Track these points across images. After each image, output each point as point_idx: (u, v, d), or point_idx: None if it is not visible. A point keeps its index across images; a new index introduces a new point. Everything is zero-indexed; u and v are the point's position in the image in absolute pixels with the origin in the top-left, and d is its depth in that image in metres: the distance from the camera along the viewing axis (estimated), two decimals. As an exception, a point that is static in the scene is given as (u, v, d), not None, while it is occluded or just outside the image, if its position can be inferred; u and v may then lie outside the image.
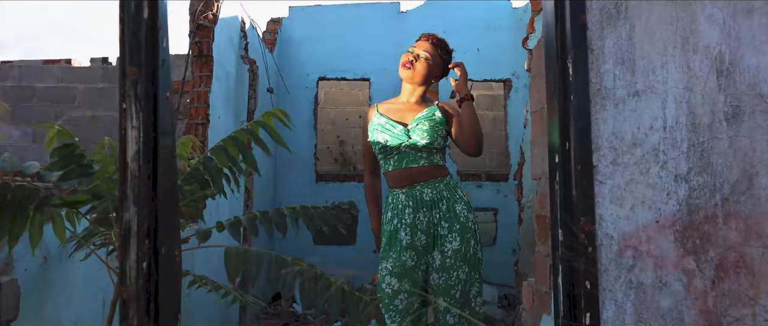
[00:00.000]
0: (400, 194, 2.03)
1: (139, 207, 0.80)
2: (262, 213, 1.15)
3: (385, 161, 2.07)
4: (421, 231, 1.98)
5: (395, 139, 2.03)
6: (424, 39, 2.11)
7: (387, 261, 1.97)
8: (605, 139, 1.08)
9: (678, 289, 1.04)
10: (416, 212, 1.99)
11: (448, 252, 1.97)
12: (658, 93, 1.09)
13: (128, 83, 0.79)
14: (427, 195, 2.00)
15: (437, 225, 1.98)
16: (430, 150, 2.04)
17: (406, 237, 1.96)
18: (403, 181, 2.02)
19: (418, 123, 2.04)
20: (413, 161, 2.02)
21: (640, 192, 1.07)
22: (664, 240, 1.05)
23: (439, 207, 2.00)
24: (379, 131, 2.07)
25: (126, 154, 0.79)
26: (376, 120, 2.10)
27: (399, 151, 2.03)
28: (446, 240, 1.98)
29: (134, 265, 0.79)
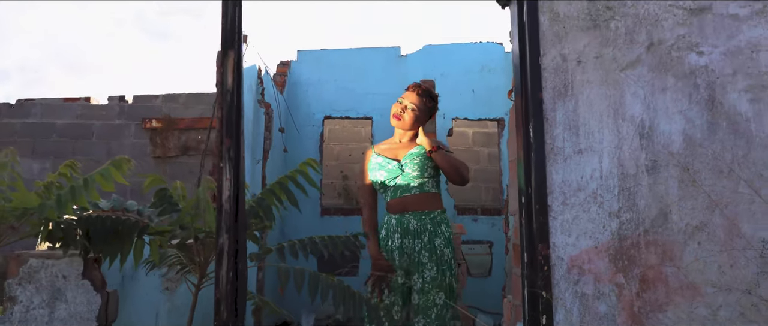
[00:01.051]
0: (393, 219, 2.41)
1: (229, 235, 1.16)
2: (300, 242, 1.51)
3: (385, 193, 2.46)
4: (407, 254, 2.37)
5: (391, 173, 2.42)
6: (412, 90, 2.50)
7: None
8: (557, 185, 1.46)
9: (612, 298, 1.40)
10: (403, 237, 2.37)
11: (427, 278, 2.34)
12: (595, 151, 1.47)
13: (224, 148, 1.17)
14: (412, 225, 2.38)
15: (419, 253, 2.36)
16: (420, 180, 2.43)
17: (396, 259, 2.35)
18: (397, 209, 2.41)
19: (410, 159, 2.44)
20: (406, 191, 2.41)
21: (583, 225, 1.44)
22: (600, 261, 1.42)
23: (421, 237, 2.37)
24: (377, 169, 2.46)
25: (222, 197, 1.16)
26: (374, 160, 2.49)
27: (394, 184, 2.41)
28: (426, 268, 2.34)
29: (225, 275, 1.15)
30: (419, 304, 2.30)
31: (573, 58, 1.52)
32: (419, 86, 2.53)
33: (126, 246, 1.34)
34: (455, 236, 4.25)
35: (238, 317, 1.18)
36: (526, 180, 1.46)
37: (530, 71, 1.49)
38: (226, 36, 1.21)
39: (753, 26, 1.53)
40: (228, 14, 1.16)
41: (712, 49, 1.53)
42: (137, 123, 6.18)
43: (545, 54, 1.52)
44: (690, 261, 1.40)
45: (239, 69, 1.18)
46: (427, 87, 2.53)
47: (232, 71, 1.15)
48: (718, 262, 1.40)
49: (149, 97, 6.37)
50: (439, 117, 6.24)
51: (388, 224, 2.42)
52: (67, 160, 1.42)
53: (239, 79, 1.17)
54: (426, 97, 2.51)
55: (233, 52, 1.18)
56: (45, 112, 6.51)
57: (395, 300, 2.30)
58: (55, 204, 1.22)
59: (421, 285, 2.33)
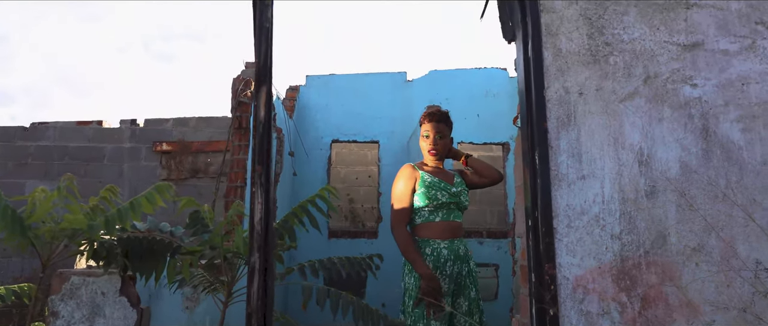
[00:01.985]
0: (442, 248, 2.34)
1: (260, 254, 1.26)
2: (319, 262, 1.61)
3: (433, 214, 2.40)
4: (452, 280, 2.34)
5: (451, 198, 2.42)
6: (429, 121, 2.57)
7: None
8: (562, 209, 1.55)
9: (615, 316, 1.49)
10: (454, 264, 2.35)
11: (473, 300, 2.39)
12: (597, 177, 1.57)
13: (256, 175, 1.27)
14: (461, 251, 2.41)
15: (466, 277, 2.39)
16: (465, 209, 2.52)
17: (445, 287, 2.29)
18: (446, 233, 2.38)
19: (461, 188, 2.50)
20: (456, 217, 2.46)
21: (587, 246, 1.53)
22: (604, 280, 1.51)
23: (467, 262, 2.43)
24: (436, 188, 2.41)
25: (253, 219, 1.27)
26: (427, 177, 2.44)
27: (448, 208, 2.43)
28: (471, 291, 2.39)
29: (256, 291, 1.25)
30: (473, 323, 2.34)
31: (575, 90, 1.63)
32: (432, 114, 2.59)
33: (160, 265, 1.43)
34: None
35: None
36: (532, 204, 1.55)
37: (535, 102, 1.61)
38: (260, 72, 1.33)
39: (743, 61, 1.64)
40: (260, 53, 1.28)
41: (705, 81, 1.64)
42: (148, 146, 6.31)
43: (549, 87, 1.63)
44: (689, 281, 1.49)
45: (269, 102, 1.29)
46: (436, 110, 2.62)
47: (264, 104, 1.27)
48: (716, 282, 1.49)
49: (160, 121, 6.51)
50: (445, 141, 6.36)
51: (437, 251, 2.33)
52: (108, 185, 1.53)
53: (269, 112, 1.28)
54: (443, 121, 2.59)
55: (265, 87, 1.30)
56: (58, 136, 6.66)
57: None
58: (104, 225, 1.32)
59: (467, 307, 2.37)
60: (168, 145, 6.30)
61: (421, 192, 2.42)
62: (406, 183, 2.41)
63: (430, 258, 2.33)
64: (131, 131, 6.52)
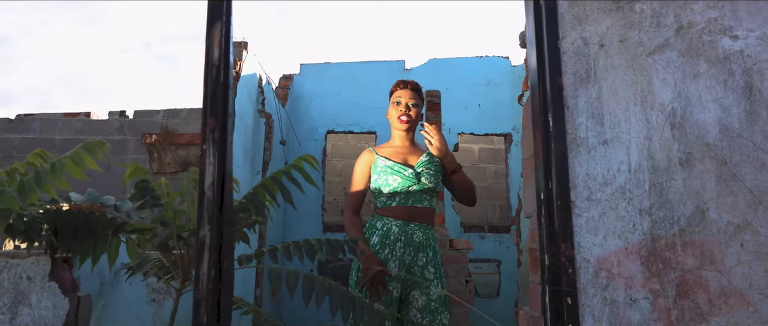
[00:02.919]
0: (393, 225, 2.18)
1: (212, 226, 1.02)
2: (294, 244, 1.36)
3: (390, 199, 2.23)
4: (405, 266, 2.15)
5: (406, 181, 2.22)
6: (403, 87, 2.35)
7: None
8: (581, 180, 1.31)
9: (645, 306, 1.24)
10: (405, 248, 2.15)
11: (433, 295, 2.14)
12: (622, 141, 1.33)
13: (208, 130, 1.03)
14: (417, 237, 2.18)
15: (423, 268, 2.16)
16: (432, 193, 2.26)
17: (394, 269, 2.13)
18: (402, 215, 2.19)
19: (425, 167, 2.26)
20: (418, 201, 2.23)
21: (611, 223, 1.29)
22: (632, 263, 1.26)
23: (426, 251, 2.19)
24: (388, 173, 2.24)
25: (204, 184, 1.02)
26: (381, 162, 2.26)
27: (407, 192, 2.23)
28: (432, 285, 2.16)
29: (206, 272, 1.01)
30: (423, 323, 2.11)
31: (595, 41, 1.39)
32: (405, 81, 2.39)
33: (99, 246, 1.20)
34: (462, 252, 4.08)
35: (221, 321, 1.03)
36: (545, 173, 1.31)
37: (548, 56, 1.36)
38: (213, 8, 1.09)
39: (792, 7, 1.39)
40: (214, -20, 1.05)
41: (747, 33, 1.40)
42: (138, 138, 6.08)
43: (564, 37, 1.39)
44: (733, 265, 1.25)
45: (228, 42, 1.05)
46: (413, 80, 2.42)
47: (219, 43, 1.03)
48: (766, 266, 1.24)
49: (150, 112, 6.29)
50: (445, 131, 6.12)
51: (386, 230, 2.18)
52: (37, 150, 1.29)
53: (227, 53, 1.05)
54: (418, 91, 2.39)
55: (220, 23, 1.06)
56: (44, 128, 6.43)
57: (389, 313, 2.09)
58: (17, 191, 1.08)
59: (425, 303, 2.13)
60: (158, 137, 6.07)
61: (374, 178, 2.26)
62: (360, 168, 2.30)
63: (378, 233, 2.16)
64: (120, 123, 6.29)
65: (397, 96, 2.35)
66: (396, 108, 2.34)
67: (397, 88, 2.37)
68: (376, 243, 2.19)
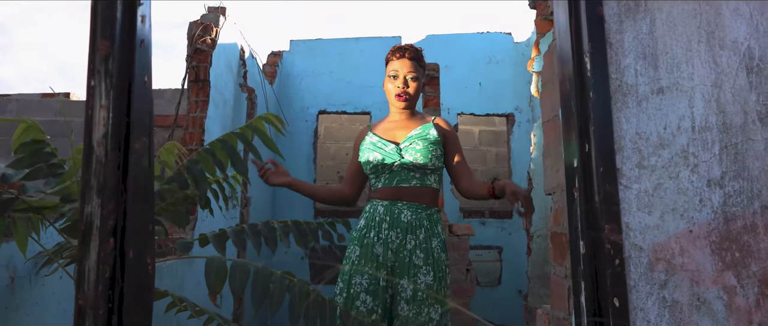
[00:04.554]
0: (380, 206, 1.91)
1: (104, 199, 0.69)
2: (250, 226, 1.04)
3: (376, 179, 1.97)
4: (392, 250, 1.85)
5: (387, 158, 1.92)
6: (400, 56, 1.99)
7: (362, 276, 1.81)
8: (629, 139, 0.98)
9: (718, 308, 0.92)
10: (390, 229, 1.86)
11: (420, 284, 1.82)
12: (684, 90, 1.00)
13: (98, 58, 0.70)
14: (405, 216, 1.88)
15: (411, 252, 1.85)
16: (423, 170, 1.93)
17: (381, 254, 1.84)
18: (387, 196, 1.92)
19: (411, 142, 1.94)
20: (405, 181, 1.91)
21: (670, 198, 0.96)
22: (699, 252, 0.94)
23: (415, 233, 1.87)
24: (370, 150, 1.96)
25: (92, 137, 0.69)
26: (368, 139, 2.00)
27: (390, 170, 1.93)
28: (420, 272, 1.83)
29: (95, 267, 0.68)
30: (409, 317, 1.79)
31: (645, -41, 1.05)
32: (402, 49, 2.01)
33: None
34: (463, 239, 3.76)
35: (124, 338, 0.70)
36: (581, 133, 0.98)
37: (584, -22, 1.03)
38: None
39: None
40: None
41: (841, -49, 1.06)
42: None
43: (605, -46, 1.05)
44: (835, 253, 0.93)
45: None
46: (412, 45, 2.05)
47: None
48: None
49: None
50: (444, 112, 5.78)
51: (372, 212, 1.92)
52: None
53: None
54: (418, 60, 2.02)
55: None
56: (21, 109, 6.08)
57: (373, 307, 1.78)
58: None
59: (411, 293, 1.80)
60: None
61: (360, 156, 2.01)
62: (354, 146, 2.08)
63: (365, 215, 1.92)
64: (103, 104, 5.93)
65: (393, 67, 2.00)
66: (392, 82, 1.99)
67: (393, 57, 2.01)
68: (362, 226, 1.91)
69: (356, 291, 1.80)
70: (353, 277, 1.83)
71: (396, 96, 1.96)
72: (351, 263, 1.86)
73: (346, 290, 1.82)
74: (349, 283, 1.82)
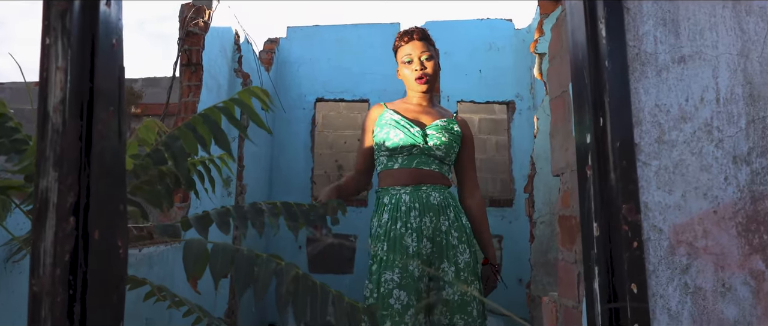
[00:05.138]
0: (403, 194, 1.81)
1: (62, 172, 0.61)
2: (236, 208, 0.96)
3: (391, 159, 1.87)
4: (427, 237, 1.78)
5: (410, 139, 1.84)
6: (410, 39, 1.92)
7: (392, 272, 1.73)
8: (647, 112, 0.90)
9: (745, 295, 0.85)
10: (423, 216, 1.78)
11: (461, 264, 1.78)
12: (707, 59, 0.92)
13: (53, 13, 0.61)
14: (434, 199, 1.81)
15: (446, 233, 1.79)
16: (442, 161, 1.88)
17: (413, 244, 1.75)
18: (407, 180, 1.83)
19: (437, 130, 1.88)
20: (424, 164, 1.85)
21: (693, 175, 0.88)
22: (724, 234, 0.86)
23: (446, 213, 1.81)
24: (392, 127, 1.86)
25: (47, 102, 0.61)
26: (388, 115, 1.90)
27: (410, 153, 1.85)
28: (458, 251, 1.78)
29: (51, 248, 0.60)
30: (455, 300, 1.74)
31: None
32: (409, 32, 1.96)
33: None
34: None
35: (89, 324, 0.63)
36: (595, 103, 0.90)
37: (599, -63, 0.94)
38: None
39: None
40: None
41: None
42: (113, 107, 5.68)
43: None
44: None
45: None
46: (417, 27, 1.97)
47: None
48: None
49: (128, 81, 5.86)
50: (443, 99, 5.69)
51: (395, 201, 1.82)
52: None
53: None
54: (427, 39, 1.96)
55: None
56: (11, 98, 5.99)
57: (409, 302, 1.69)
58: None
59: (454, 274, 1.75)
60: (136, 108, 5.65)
61: (377, 132, 1.90)
62: (366, 124, 1.98)
63: (387, 208, 1.81)
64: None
65: (405, 52, 1.92)
66: (408, 66, 1.91)
67: (402, 43, 1.95)
68: (386, 220, 1.80)
69: (388, 288, 1.71)
70: (383, 275, 1.74)
71: (416, 79, 1.89)
72: (379, 261, 1.77)
73: (376, 290, 1.73)
74: (380, 282, 1.73)
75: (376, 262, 1.77)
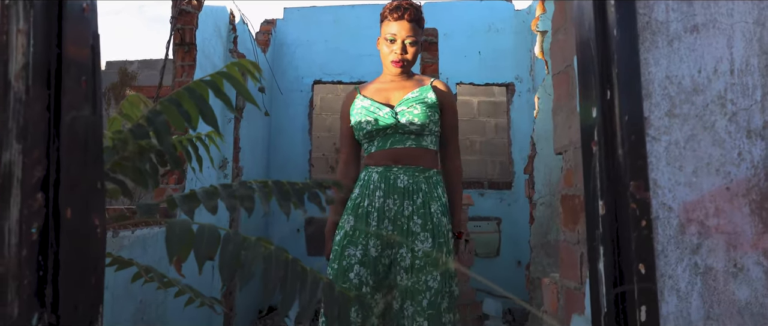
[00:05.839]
0: (374, 173, 1.80)
1: (26, 145, 0.56)
2: (224, 187, 0.92)
3: (369, 143, 1.86)
4: (389, 219, 1.76)
5: (382, 121, 1.81)
6: (398, 17, 1.82)
7: (356, 247, 1.72)
8: (658, 84, 0.85)
9: (758, 276, 0.81)
10: (386, 197, 1.76)
11: (418, 252, 1.73)
12: (722, 28, 0.87)
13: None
14: (401, 182, 1.77)
15: (408, 218, 1.75)
16: (419, 134, 1.82)
17: (373, 224, 1.74)
18: (381, 160, 1.81)
19: (408, 106, 1.81)
20: (399, 142, 1.81)
21: (705, 151, 0.84)
22: (737, 212, 0.82)
23: (412, 198, 1.77)
24: (363, 114, 1.84)
25: (8, 68, 0.56)
26: (359, 103, 1.87)
27: (384, 134, 1.82)
28: (418, 238, 1.74)
29: (16, 227, 0.56)
30: (408, 286, 1.71)
31: None
32: (401, 8, 1.84)
33: None
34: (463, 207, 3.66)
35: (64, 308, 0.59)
36: (603, 78, 0.85)
37: None
38: None
39: None
40: None
41: None
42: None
43: None
44: None
45: None
46: (412, 4, 1.87)
47: None
48: None
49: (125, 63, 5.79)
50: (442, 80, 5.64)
51: (366, 179, 1.82)
52: None
53: None
54: (417, 21, 1.86)
55: None
56: None
57: (366, 279, 1.70)
58: None
59: (410, 261, 1.72)
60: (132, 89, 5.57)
61: (351, 120, 1.90)
62: (342, 112, 1.98)
63: (359, 184, 1.83)
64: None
65: (390, 30, 1.83)
66: (389, 46, 1.83)
67: (391, 18, 1.84)
68: (356, 195, 1.81)
69: (350, 262, 1.71)
70: (346, 248, 1.73)
71: (393, 62, 1.83)
72: (344, 233, 1.76)
73: (336, 260, 1.73)
74: (342, 255, 1.73)
75: (341, 233, 1.77)
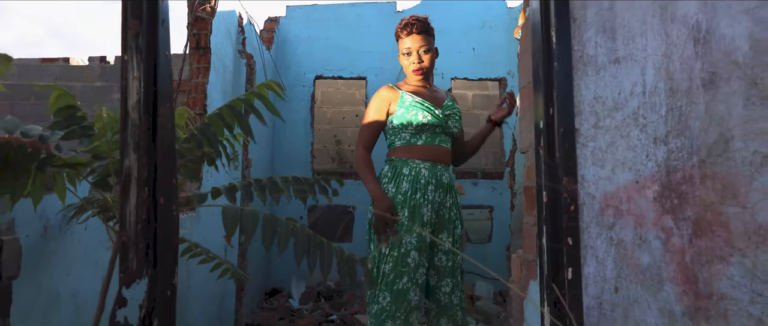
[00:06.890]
0: (423, 168, 2.07)
1: (139, 154, 0.84)
2: (256, 181, 1.19)
3: (415, 137, 2.10)
4: (435, 210, 2.08)
5: (435, 119, 2.10)
6: (408, 33, 2.11)
7: (411, 235, 2.01)
8: (587, 104, 1.13)
9: (656, 246, 1.09)
10: (436, 191, 2.07)
11: (456, 236, 2.13)
12: (637, 60, 1.14)
13: (130, 36, 0.83)
14: (445, 178, 2.11)
15: (449, 209, 2.11)
16: (454, 138, 2.19)
17: (427, 214, 2.05)
18: (428, 156, 2.09)
19: (450, 112, 2.17)
20: (444, 142, 2.13)
21: (621, 154, 1.11)
22: (643, 199, 1.10)
23: (451, 192, 2.13)
24: (418, 109, 2.08)
25: (127, 103, 0.83)
26: (409, 98, 2.11)
27: (433, 131, 2.11)
28: (455, 225, 2.13)
29: (134, 210, 0.83)
30: (446, 266, 2.11)
31: (608, -60, 1.17)
32: (410, 25, 2.14)
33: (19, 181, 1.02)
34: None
35: (160, 266, 0.86)
36: (546, 97, 1.12)
37: (553, -42, 1.15)
38: None
39: None
40: None
41: (786, -69, 1.18)
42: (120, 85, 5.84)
43: (572, -64, 1.17)
44: (759, 200, 1.08)
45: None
46: (414, 19, 2.15)
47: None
48: (796, 200, 1.08)
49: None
50: (438, 76, 5.88)
51: (415, 174, 2.06)
52: None
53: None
54: (425, 31, 2.15)
55: None
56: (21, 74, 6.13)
57: (421, 262, 2.01)
58: None
59: (450, 244, 2.13)
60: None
61: (401, 113, 2.11)
62: (378, 104, 2.14)
63: (407, 179, 2.07)
64: (101, 69, 5.98)
65: (405, 45, 2.15)
66: (407, 59, 2.16)
67: (403, 35, 2.15)
68: (407, 189, 2.05)
69: (408, 249, 2.01)
70: (404, 237, 2.02)
71: (414, 71, 2.14)
72: (400, 224, 2.04)
73: (397, 247, 2.00)
74: (401, 242, 2.01)
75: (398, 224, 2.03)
